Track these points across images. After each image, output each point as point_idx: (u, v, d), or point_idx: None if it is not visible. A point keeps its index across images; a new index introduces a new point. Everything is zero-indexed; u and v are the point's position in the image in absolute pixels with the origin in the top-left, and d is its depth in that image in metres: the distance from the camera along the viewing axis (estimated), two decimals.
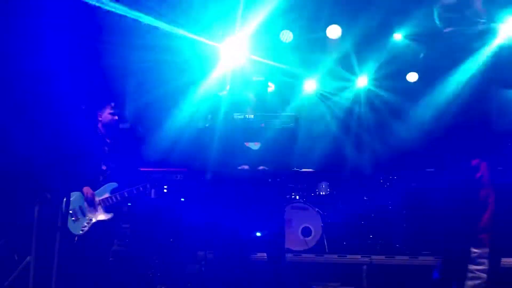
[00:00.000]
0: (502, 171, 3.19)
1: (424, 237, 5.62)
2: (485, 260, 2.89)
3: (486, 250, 2.90)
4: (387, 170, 6.37)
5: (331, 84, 7.61)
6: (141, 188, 4.40)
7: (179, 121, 5.80)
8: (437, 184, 5.09)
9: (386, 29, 6.47)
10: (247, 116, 4.20)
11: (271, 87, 7.40)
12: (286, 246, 5.78)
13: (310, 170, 6.41)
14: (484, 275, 2.87)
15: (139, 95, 6.09)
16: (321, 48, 6.96)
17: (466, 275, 2.91)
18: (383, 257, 5.44)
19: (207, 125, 4.33)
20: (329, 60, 7.09)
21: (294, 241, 5.85)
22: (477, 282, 2.90)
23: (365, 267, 5.22)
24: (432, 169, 5.80)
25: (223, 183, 4.59)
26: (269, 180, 4.27)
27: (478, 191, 2.95)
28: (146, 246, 5.26)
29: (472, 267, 2.91)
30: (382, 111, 7.27)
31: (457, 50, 3.17)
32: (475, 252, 2.90)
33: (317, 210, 6.02)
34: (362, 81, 7.40)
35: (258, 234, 4.28)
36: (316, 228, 5.89)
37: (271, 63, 6.90)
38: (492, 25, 3.19)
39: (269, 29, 6.57)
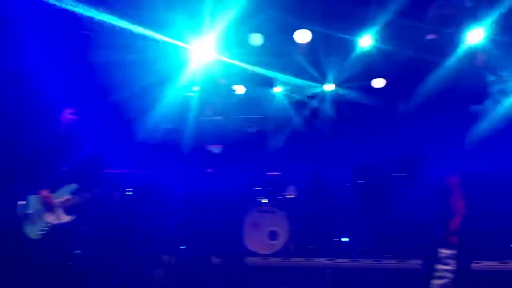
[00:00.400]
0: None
1: (388, 241, 5.70)
2: (452, 261, 3.01)
3: (454, 251, 2.99)
4: (353, 173, 6.42)
5: (300, 87, 7.62)
6: (103, 190, 4.27)
7: (146, 122, 5.67)
8: (405, 188, 5.19)
9: (354, 35, 6.52)
10: (215, 118, 4.16)
11: (241, 90, 7.38)
12: (253, 249, 5.78)
13: (277, 173, 6.39)
14: (450, 275, 2.94)
15: (106, 96, 5.93)
16: (290, 51, 6.96)
17: (433, 274, 2.99)
18: (348, 260, 5.49)
19: (174, 126, 4.26)
20: (299, 63, 7.10)
21: (261, 244, 5.82)
22: (443, 281, 2.97)
23: (330, 270, 5.25)
24: (403, 174, 5.89)
25: (189, 185, 4.52)
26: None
27: (449, 197, 3.04)
28: (109, 249, 5.11)
29: (439, 266, 3.03)
30: (351, 115, 7.34)
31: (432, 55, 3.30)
32: (443, 253, 2.97)
33: (284, 214, 6.01)
34: (330, 85, 7.45)
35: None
36: (283, 232, 5.88)
37: (241, 65, 6.87)
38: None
39: (239, 32, 6.56)
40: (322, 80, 7.42)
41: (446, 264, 3.05)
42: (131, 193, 5.28)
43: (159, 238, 5.01)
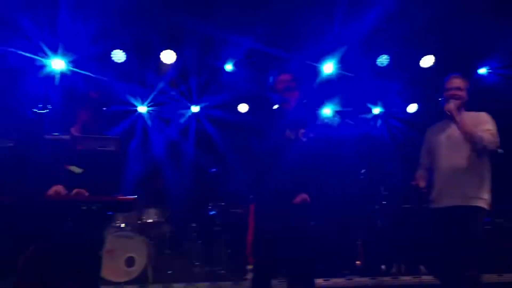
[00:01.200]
0: None
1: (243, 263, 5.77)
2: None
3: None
4: (216, 196, 6.44)
5: (166, 107, 7.50)
6: None
7: None
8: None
9: (220, 58, 6.66)
10: (61, 136, 3.81)
11: (106, 107, 6.98)
12: (108, 277, 5.42)
13: (135, 196, 6.11)
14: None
15: None
16: (156, 70, 6.84)
17: None
18: (208, 283, 5.46)
19: (10, 144, 3.80)
20: (164, 83, 6.99)
21: (116, 272, 5.49)
22: None
23: None
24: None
25: (31, 210, 4.10)
26: (84, 207, 3.92)
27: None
28: None
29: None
30: (215, 138, 7.42)
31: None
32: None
33: (143, 239, 5.77)
34: (196, 108, 7.47)
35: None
36: (141, 258, 5.62)
37: (104, 80, 6.56)
38: None
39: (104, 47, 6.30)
40: (189, 101, 7.41)
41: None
42: None
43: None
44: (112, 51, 6.39)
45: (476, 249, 3.60)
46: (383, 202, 6.40)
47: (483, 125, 3.70)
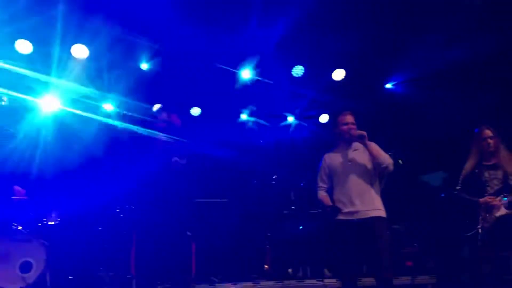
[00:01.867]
0: None
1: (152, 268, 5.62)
2: None
3: None
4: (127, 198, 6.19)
5: (77, 103, 7.10)
6: None
7: None
8: None
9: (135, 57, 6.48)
10: None
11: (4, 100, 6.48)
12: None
13: (27, 197, 5.70)
14: None
15: None
16: (66, 65, 6.47)
17: None
18: None
19: None
20: (75, 78, 6.63)
21: (9, 278, 5.09)
22: None
23: None
24: None
25: None
26: None
27: None
28: None
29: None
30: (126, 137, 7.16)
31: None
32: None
33: (42, 242, 5.40)
34: (108, 105, 7.17)
35: None
36: (39, 262, 5.26)
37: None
38: None
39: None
40: (101, 99, 7.09)
41: None
42: None
43: None
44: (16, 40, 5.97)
45: (388, 252, 4.06)
46: (292, 207, 6.58)
47: (380, 151, 4.22)
